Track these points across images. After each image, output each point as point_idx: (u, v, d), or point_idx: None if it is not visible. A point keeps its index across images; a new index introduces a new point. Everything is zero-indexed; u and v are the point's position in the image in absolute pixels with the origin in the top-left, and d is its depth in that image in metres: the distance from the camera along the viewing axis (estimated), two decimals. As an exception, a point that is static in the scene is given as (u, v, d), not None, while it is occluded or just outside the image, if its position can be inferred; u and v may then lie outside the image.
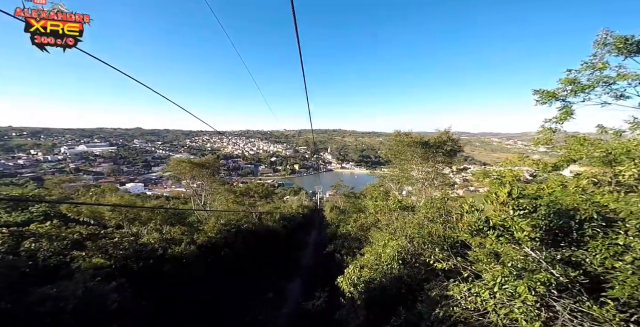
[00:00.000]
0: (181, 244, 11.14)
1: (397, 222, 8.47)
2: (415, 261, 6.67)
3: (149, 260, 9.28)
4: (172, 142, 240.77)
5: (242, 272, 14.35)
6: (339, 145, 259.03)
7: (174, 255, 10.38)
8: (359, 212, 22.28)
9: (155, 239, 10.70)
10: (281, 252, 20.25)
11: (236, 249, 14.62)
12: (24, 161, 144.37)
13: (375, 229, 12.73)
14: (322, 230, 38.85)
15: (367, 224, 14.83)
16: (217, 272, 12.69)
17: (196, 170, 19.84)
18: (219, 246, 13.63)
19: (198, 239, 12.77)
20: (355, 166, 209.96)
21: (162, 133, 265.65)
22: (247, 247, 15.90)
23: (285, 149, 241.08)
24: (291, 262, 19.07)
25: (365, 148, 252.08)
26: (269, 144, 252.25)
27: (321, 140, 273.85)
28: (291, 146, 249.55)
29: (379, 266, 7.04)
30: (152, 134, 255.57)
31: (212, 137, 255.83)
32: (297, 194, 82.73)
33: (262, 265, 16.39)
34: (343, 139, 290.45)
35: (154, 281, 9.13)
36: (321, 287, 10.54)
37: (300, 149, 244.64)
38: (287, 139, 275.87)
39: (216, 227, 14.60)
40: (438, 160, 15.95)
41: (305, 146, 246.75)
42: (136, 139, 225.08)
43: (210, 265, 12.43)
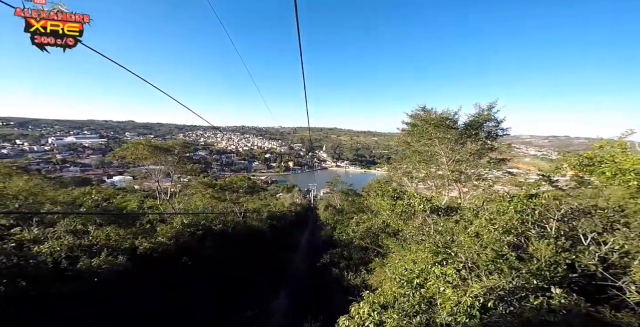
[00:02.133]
0: (101, 254, 7.66)
1: (444, 234, 5.40)
2: (507, 311, 3.57)
3: (35, 280, 6.02)
4: (165, 136, 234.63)
5: (211, 285, 11.22)
6: (334, 144, 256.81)
7: (81, 270, 6.97)
8: (359, 212, 19.25)
9: (62, 247, 7.39)
10: (267, 256, 17.16)
11: (203, 257, 11.45)
12: (7, 151, 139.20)
13: (387, 237, 9.64)
14: (315, 230, 35.88)
15: (374, 228, 11.64)
16: (169, 289, 9.49)
17: (159, 156, 16.18)
18: (173, 254, 10.32)
19: (141, 245, 9.49)
20: (350, 164, 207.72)
21: (155, 126, 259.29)
22: (221, 252, 12.74)
23: (280, 146, 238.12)
24: (278, 269, 15.98)
25: (360, 147, 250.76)
26: (264, 141, 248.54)
27: (317, 138, 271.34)
28: (286, 143, 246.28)
29: (427, 315, 3.92)
30: (144, 127, 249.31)
31: (205, 131, 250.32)
32: (290, 191, 79.54)
33: (242, 274, 13.29)
34: (338, 137, 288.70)
35: (42, 311, 5.90)
36: (314, 311, 7.66)
37: (296, 147, 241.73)
38: (283, 136, 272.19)
39: (174, 229, 11.32)
40: (473, 148, 12.73)
41: (301, 144, 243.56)
42: (128, 132, 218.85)
43: (158, 279, 9.19)
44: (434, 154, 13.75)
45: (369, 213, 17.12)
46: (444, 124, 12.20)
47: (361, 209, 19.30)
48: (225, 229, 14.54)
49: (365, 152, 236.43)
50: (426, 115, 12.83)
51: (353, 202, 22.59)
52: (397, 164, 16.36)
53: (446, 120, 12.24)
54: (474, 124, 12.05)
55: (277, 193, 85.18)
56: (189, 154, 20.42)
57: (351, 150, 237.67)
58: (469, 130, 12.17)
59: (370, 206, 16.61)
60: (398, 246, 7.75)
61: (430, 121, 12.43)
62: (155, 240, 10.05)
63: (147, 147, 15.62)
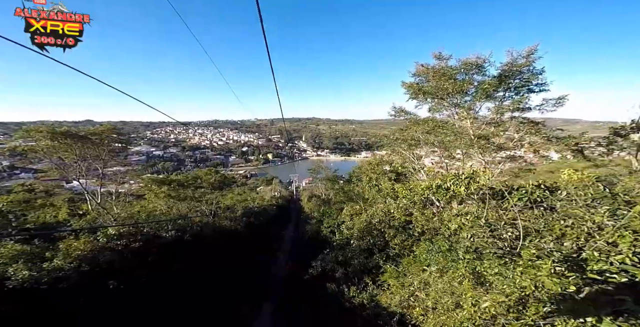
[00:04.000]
0: None
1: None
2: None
3: None
4: (130, 134, 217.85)
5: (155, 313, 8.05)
6: (314, 134, 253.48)
7: None
8: (349, 201, 16.59)
9: None
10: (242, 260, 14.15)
11: (141, 277, 8.20)
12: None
13: (407, 238, 6.93)
14: (300, 224, 33.20)
15: (375, 222, 8.80)
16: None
17: (73, 147, 12.10)
18: (77, 281, 6.93)
19: (16, 275, 6.09)
20: (330, 153, 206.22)
21: (117, 125, 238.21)
22: (164, 267, 9.50)
23: (257, 139, 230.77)
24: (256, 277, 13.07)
25: (339, 136, 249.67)
26: (240, 134, 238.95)
27: (295, 129, 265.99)
28: (264, 135, 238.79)
29: None
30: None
31: (176, 128, 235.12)
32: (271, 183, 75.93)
33: (200, 295, 10.20)
34: (317, 127, 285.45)
35: None
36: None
37: (274, 138, 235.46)
38: (260, 128, 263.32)
39: (89, 245, 7.85)
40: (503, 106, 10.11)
41: (279, 135, 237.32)
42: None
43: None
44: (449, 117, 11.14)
45: (361, 202, 14.50)
46: (468, 67, 9.57)
47: (351, 198, 16.63)
48: (182, 236, 11.23)
49: (344, 140, 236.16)
50: (441, 67, 10.08)
51: (341, 190, 19.91)
52: (398, 143, 13.44)
53: (475, 66, 9.59)
54: (508, 75, 9.50)
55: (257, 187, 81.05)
56: (123, 145, 16.26)
57: (330, 139, 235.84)
58: (504, 82, 9.57)
59: (363, 193, 13.96)
60: (438, 256, 5.12)
61: (451, 72, 9.75)
62: (51, 264, 6.65)
63: (50, 134, 11.38)
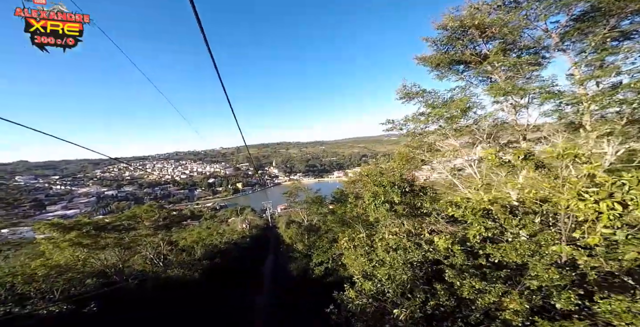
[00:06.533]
0: None
1: None
2: None
3: None
4: (76, 174, 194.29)
5: None
6: (285, 158, 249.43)
7: None
8: (343, 226, 13.05)
9: None
10: None
11: None
12: None
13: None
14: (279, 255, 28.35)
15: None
16: None
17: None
18: None
19: None
20: (303, 176, 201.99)
21: (59, 165, 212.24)
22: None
23: (224, 168, 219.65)
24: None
25: (310, 158, 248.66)
26: (205, 165, 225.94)
27: (264, 155, 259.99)
28: (230, 165, 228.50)
29: None
30: (44, 167, 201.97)
31: (131, 164, 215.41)
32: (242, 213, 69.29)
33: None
34: (287, 151, 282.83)
35: None
36: None
37: (242, 166, 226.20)
38: (225, 157, 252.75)
39: None
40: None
41: (247, 163, 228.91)
42: (19, 176, 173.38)
43: None
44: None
45: (360, 226, 11.07)
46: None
47: (344, 222, 13.11)
48: (79, 309, 6.71)
49: (316, 162, 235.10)
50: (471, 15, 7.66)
51: (329, 214, 16.22)
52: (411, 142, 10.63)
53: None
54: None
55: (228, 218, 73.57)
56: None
57: (302, 162, 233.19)
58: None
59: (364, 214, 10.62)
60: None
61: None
62: None
63: None
